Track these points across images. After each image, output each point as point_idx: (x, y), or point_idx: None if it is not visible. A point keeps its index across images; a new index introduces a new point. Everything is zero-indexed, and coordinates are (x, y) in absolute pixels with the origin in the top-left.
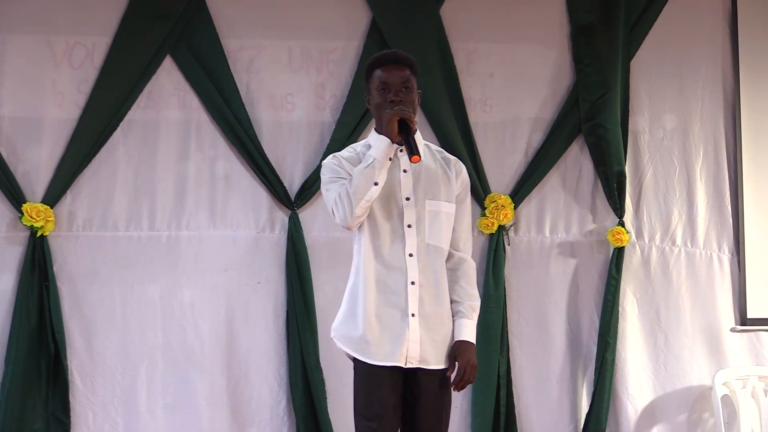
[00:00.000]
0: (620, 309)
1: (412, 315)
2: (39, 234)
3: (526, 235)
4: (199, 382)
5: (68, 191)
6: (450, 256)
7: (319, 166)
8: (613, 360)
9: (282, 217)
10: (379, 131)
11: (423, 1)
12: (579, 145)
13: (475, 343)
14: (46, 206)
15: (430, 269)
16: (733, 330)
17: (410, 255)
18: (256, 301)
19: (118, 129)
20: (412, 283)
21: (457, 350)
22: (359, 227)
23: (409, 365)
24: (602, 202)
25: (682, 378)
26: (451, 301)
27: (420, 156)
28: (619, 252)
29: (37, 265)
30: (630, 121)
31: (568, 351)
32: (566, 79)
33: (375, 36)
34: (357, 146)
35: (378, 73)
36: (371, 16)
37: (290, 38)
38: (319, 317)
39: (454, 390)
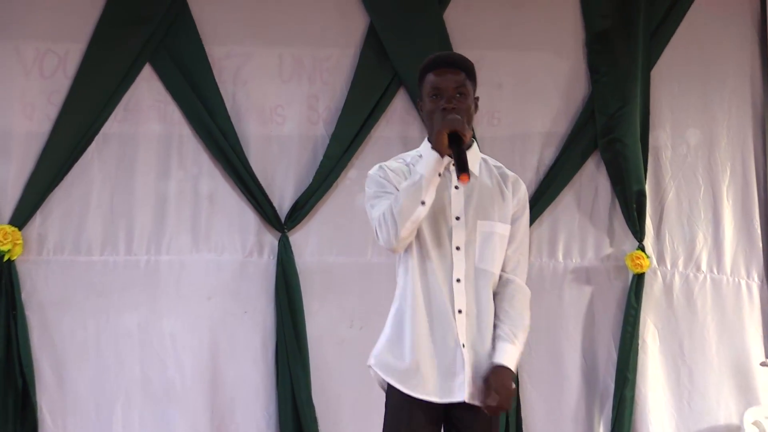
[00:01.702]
0: (640, 341)
1: (463, 345)
2: (6, 258)
3: (538, 259)
4: (180, 420)
5: (38, 212)
6: (497, 279)
7: (311, 185)
8: (633, 397)
9: (271, 240)
10: (431, 142)
11: (425, 4)
12: (595, 161)
13: (514, 370)
14: (13, 228)
15: (478, 296)
16: (763, 364)
17: (458, 280)
18: (243, 332)
19: (93, 144)
20: (459, 311)
21: (491, 374)
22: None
23: (456, 400)
24: (620, 224)
25: (707, 416)
26: (494, 326)
27: (469, 175)
28: (639, 279)
29: (4, 293)
30: (650, 136)
31: (583, 387)
32: (581, 90)
33: (373, 43)
34: (407, 156)
35: (430, 77)
36: (368, 20)
37: (280, 45)
38: (312, 350)
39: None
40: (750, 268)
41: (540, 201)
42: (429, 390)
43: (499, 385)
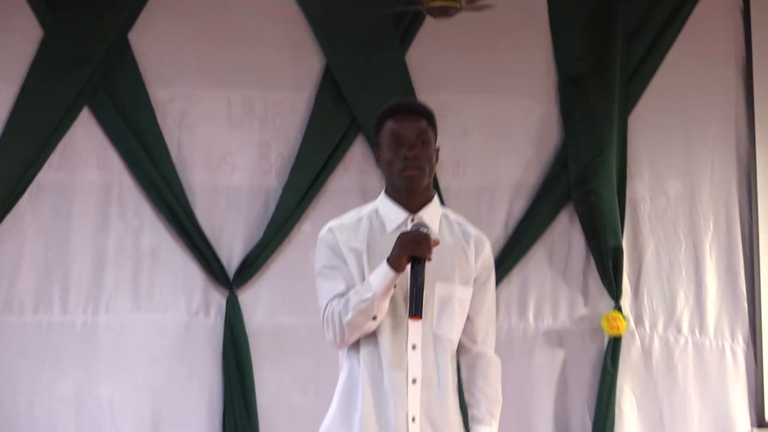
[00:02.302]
0: (617, 409)
1: (413, 419)
2: None
3: (506, 321)
4: None
5: None
6: (466, 350)
7: (262, 239)
8: None
9: (219, 298)
10: (389, 194)
11: (385, 44)
12: (568, 215)
13: None
14: None
15: (435, 365)
16: None
17: (413, 347)
18: (188, 399)
19: (26, 194)
20: (414, 381)
21: None
22: None
23: None
24: (595, 282)
25: None
26: (467, 405)
27: (421, 317)
28: (616, 342)
29: None
30: (628, 187)
31: None
32: (553, 137)
33: (329, 85)
34: (363, 210)
35: (390, 124)
36: (325, 62)
37: (229, 87)
38: (262, 419)
39: None
40: (735, 331)
41: (509, 257)
42: None
43: None
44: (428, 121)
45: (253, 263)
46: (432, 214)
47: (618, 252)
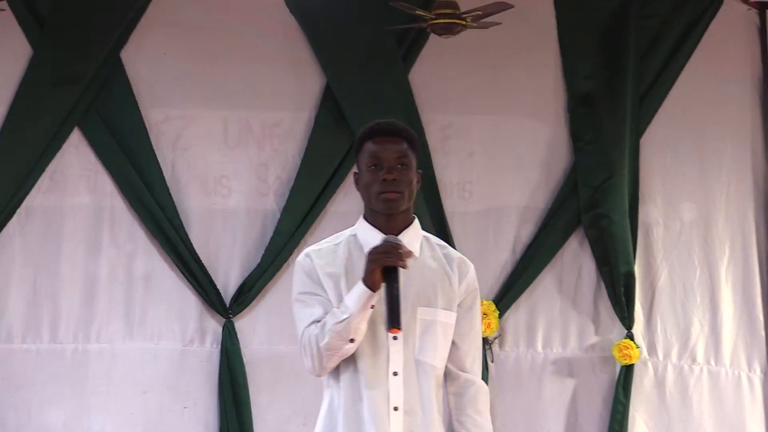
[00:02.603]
0: None
1: None
2: None
3: (514, 349)
4: None
5: None
6: (454, 377)
7: (260, 265)
8: None
9: (214, 326)
10: (368, 218)
11: (387, 63)
12: (578, 239)
13: None
14: None
15: (418, 392)
16: None
17: (394, 374)
18: (182, 431)
19: (14, 217)
20: (395, 408)
21: None
22: None
23: None
24: (607, 309)
25: None
26: None
27: (400, 328)
28: (628, 371)
29: None
30: (640, 211)
31: None
32: (562, 159)
33: (329, 105)
34: (341, 236)
35: (369, 146)
36: (324, 81)
37: (226, 108)
38: None
39: None
40: (751, 359)
41: (517, 284)
42: None
43: None
44: (409, 143)
45: (251, 289)
46: (412, 237)
47: (630, 278)
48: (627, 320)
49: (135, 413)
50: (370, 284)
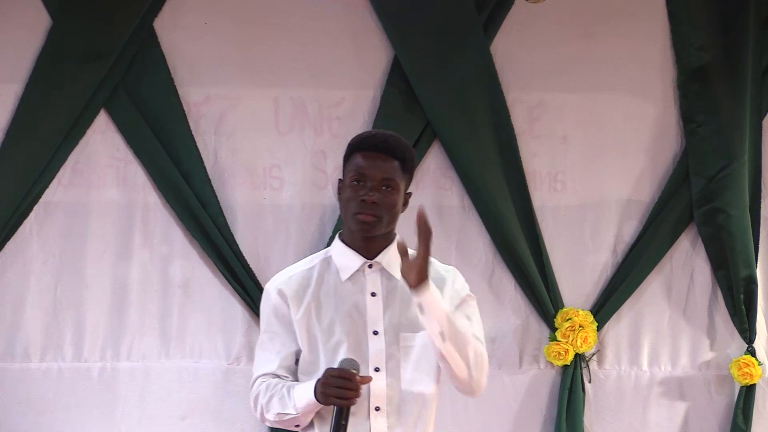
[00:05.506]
0: None
1: None
2: None
3: (615, 367)
4: None
5: None
6: (434, 399)
7: None
8: None
9: None
10: (344, 238)
11: (465, 32)
12: (690, 239)
13: (422, 302)
14: None
15: (407, 427)
16: None
17: (377, 409)
18: None
19: (31, 216)
20: None
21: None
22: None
23: None
24: (724, 320)
25: None
26: None
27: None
28: (748, 392)
29: None
30: (763, 206)
31: None
32: (671, 144)
33: (397, 83)
34: (316, 260)
35: (357, 158)
36: (392, 55)
37: (277, 86)
38: None
39: None
40: None
41: (618, 291)
42: None
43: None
44: (401, 163)
45: None
46: (391, 259)
47: (751, 283)
48: (747, 333)
49: None
50: (321, 401)
